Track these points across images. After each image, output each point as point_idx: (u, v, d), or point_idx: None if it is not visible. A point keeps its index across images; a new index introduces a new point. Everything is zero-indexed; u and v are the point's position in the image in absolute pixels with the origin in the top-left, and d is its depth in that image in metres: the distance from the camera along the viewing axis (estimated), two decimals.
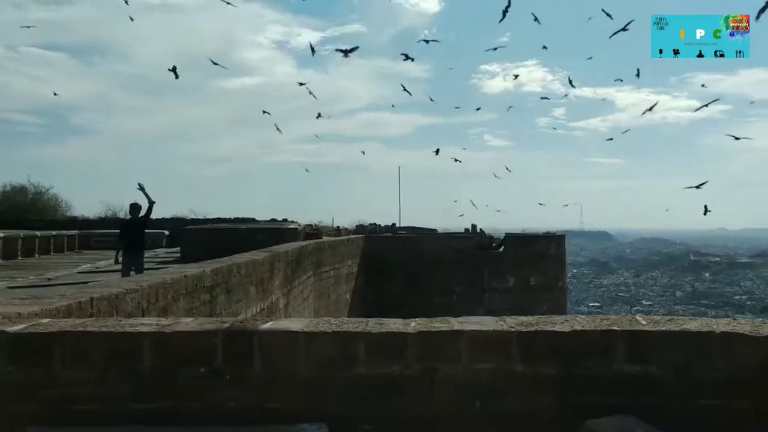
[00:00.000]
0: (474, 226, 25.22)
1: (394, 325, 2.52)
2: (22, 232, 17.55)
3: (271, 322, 2.51)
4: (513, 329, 2.45)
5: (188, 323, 2.49)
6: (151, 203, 10.87)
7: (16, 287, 10.79)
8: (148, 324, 2.44)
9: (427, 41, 14.45)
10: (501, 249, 23.36)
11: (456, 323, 2.55)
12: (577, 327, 2.37)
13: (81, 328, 2.34)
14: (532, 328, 2.46)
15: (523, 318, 2.66)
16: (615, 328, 2.34)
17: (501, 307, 22.02)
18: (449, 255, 22.52)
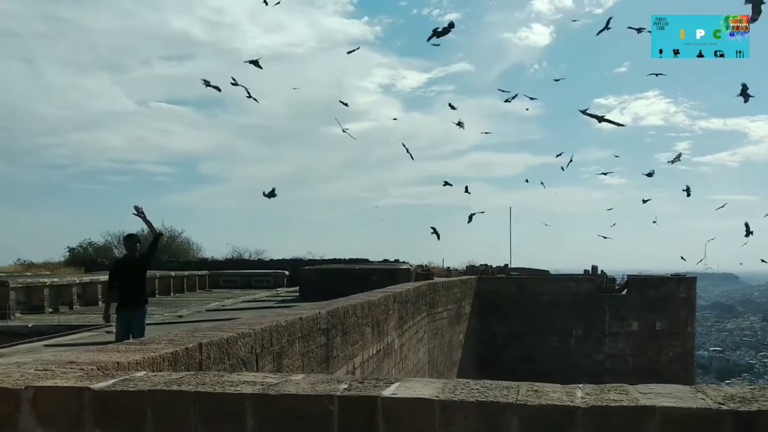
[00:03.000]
0: (594, 268, 23.93)
1: (555, 394, 1.93)
2: (158, 273, 18.81)
3: (397, 384, 2.02)
4: (724, 407, 1.77)
5: (298, 383, 2.06)
6: (157, 237, 7.57)
7: (149, 324, 11.34)
8: (251, 382, 2.05)
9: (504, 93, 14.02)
10: (624, 292, 21.75)
11: (638, 394, 1.91)
12: None
13: (175, 387, 1.97)
14: (753, 407, 1.77)
15: (730, 390, 1.96)
16: None
17: (623, 353, 20.87)
18: (566, 297, 21.46)
